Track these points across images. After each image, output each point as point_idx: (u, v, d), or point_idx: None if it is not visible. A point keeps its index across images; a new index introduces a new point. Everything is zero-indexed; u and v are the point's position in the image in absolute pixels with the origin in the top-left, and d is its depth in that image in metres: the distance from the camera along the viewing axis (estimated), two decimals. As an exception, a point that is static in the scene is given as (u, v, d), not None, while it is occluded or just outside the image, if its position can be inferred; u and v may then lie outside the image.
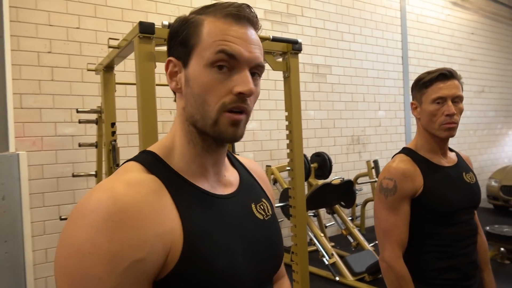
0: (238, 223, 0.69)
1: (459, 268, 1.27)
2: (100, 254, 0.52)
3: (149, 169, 0.64)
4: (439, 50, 7.48)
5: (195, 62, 0.65)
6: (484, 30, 8.63)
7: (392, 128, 6.57)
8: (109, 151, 2.75)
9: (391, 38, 6.57)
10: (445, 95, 1.27)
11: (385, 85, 6.45)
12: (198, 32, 0.65)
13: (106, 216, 0.54)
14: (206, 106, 0.64)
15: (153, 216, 0.58)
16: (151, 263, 0.56)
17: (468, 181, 1.37)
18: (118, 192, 0.57)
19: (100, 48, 3.66)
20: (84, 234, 0.53)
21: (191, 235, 0.61)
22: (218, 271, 0.61)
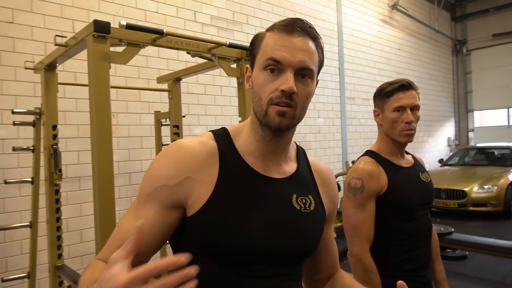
0: (270, 202, 0.81)
1: (417, 259, 1.40)
2: (150, 173, 0.81)
3: (216, 139, 0.84)
4: (371, 63, 8.07)
5: (256, 68, 0.82)
6: (408, 46, 9.49)
7: (330, 135, 6.92)
8: (50, 155, 2.57)
9: (329, 50, 6.95)
10: (405, 104, 1.39)
11: (324, 94, 6.79)
12: (259, 44, 0.82)
13: (167, 152, 0.81)
14: (260, 100, 0.80)
15: (195, 165, 0.79)
16: (176, 193, 0.78)
17: (424, 180, 1.50)
18: (183, 142, 0.82)
19: (37, 45, 3.41)
20: (153, 161, 0.82)
21: (218, 192, 0.78)
22: (228, 227, 0.76)
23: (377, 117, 1.48)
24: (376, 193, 1.38)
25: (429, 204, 1.51)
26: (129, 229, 0.77)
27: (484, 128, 12.02)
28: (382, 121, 1.46)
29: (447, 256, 4.51)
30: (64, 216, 2.84)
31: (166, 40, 2.14)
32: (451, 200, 6.68)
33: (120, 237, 0.76)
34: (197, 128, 4.76)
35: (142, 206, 0.78)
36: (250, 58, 0.85)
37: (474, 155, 8.63)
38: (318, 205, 0.89)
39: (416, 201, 1.42)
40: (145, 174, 0.82)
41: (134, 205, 0.81)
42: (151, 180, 0.79)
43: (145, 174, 0.82)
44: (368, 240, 1.36)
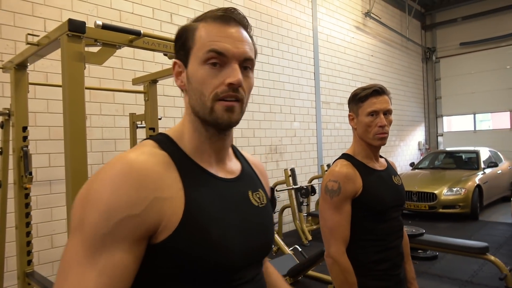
0: (234, 204, 0.77)
1: (390, 259, 1.44)
2: (100, 204, 0.62)
3: (162, 146, 0.74)
4: (345, 69, 8.24)
5: (193, 62, 0.75)
6: (381, 53, 9.75)
7: (305, 138, 7.00)
8: (19, 158, 2.48)
9: (305, 55, 7.05)
10: (378, 109, 1.44)
11: (300, 98, 6.88)
12: (193, 36, 0.75)
13: (115, 174, 0.65)
14: (203, 97, 0.74)
15: (157, 182, 0.67)
16: (145, 221, 0.64)
17: (396, 183, 1.55)
18: (131, 158, 0.68)
19: (5, 43, 3.29)
20: (95, 187, 0.64)
21: (191, 205, 0.69)
22: (212, 240, 0.69)
23: (352, 121, 1.53)
24: (352, 195, 1.41)
25: (401, 206, 1.56)
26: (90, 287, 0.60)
27: (452, 133, 12.50)
28: (357, 125, 1.50)
29: (418, 257, 4.65)
30: (33, 221, 2.75)
31: (143, 41, 2.12)
32: (422, 202, 6.89)
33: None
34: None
35: (101, 252, 0.61)
36: (181, 53, 0.77)
37: (443, 159, 8.95)
38: (267, 198, 0.88)
39: (389, 203, 1.46)
40: (87, 206, 0.63)
41: (81, 251, 0.62)
42: (105, 215, 0.62)
43: (88, 207, 0.63)
44: (344, 241, 1.39)
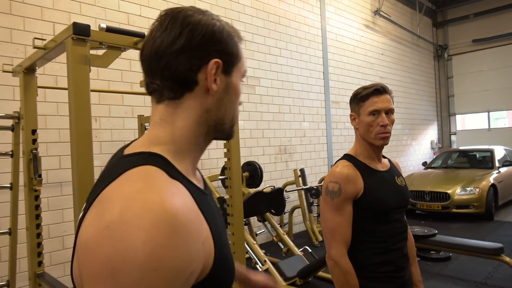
0: (219, 216, 0.74)
1: (394, 261, 1.41)
2: (166, 270, 0.52)
3: (171, 175, 0.62)
4: (355, 68, 8.17)
5: (236, 74, 0.74)
6: (391, 51, 9.64)
7: (315, 138, 6.96)
8: (29, 161, 2.51)
9: (313, 54, 7.01)
10: (379, 108, 1.42)
11: (309, 98, 6.84)
12: (238, 49, 0.75)
13: (171, 231, 0.53)
14: (235, 111, 0.76)
15: (199, 225, 0.60)
16: (197, 271, 0.58)
17: (399, 184, 1.52)
18: (173, 204, 0.55)
19: (16, 48, 3.34)
20: (148, 250, 0.51)
21: (216, 237, 0.64)
22: (231, 263, 0.69)
23: (354, 121, 1.51)
24: (353, 196, 1.39)
25: (405, 208, 1.53)
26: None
27: (465, 132, 12.28)
28: (358, 125, 1.48)
29: (431, 258, 4.57)
30: (44, 223, 2.78)
31: (148, 43, 2.12)
32: (435, 202, 6.78)
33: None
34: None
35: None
36: (223, 54, 0.70)
37: (457, 158, 8.79)
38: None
39: (392, 205, 1.43)
40: (142, 277, 0.51)
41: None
42: (171, 281, 0.53)
43: (144, 277, 0.51)
44: (345, 243, 1.37)
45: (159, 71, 0.68)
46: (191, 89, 0.69)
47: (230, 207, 2.55)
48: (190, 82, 0.69)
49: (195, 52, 0.68)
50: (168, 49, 0.67)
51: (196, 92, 0.70)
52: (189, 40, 0.67)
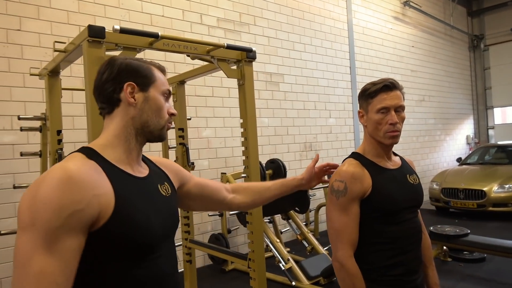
0: (150, 196, 1.02)
1: (405, 264, 1.34)
2: (52, 204, 0.80)
3: (89, 157, 0.94)
4: (383, 61, 7.93)
5: (154, 90, 1.05)
6: (422, 43, 9.28)
7: (342, 135, 6.82)
8: (54, 160, 2.59)
9: (339, 49, 6.86)
10: (388, 105, 1.34)
11: (335, 93, 6.71)
12: (154, 74, 1.07)
13: (60, 180, 0.83)
14: (159, 118, 1.05)
15: (93, 183, 0.87)
16: (87, 214, 0.84)
17: (411, 182, 1.44)
18: (68, 167, 0.86)
19: (44, 51, 3.46)
20: (43, 191, 0.82)
21: (120, 199, 0.91)
22: (138, 225, 0.93)
23: (362, 119, 1.44)
24: (360, 196, 1.33)
25: (417, 207, 1.45)
26: (54, 269, 0.79)
27: (505, 126, 11.64)
28: (367, 122, 1.41)
29: (464, 259, 4.37)
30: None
31: (163, 43, 2.13)
32: (469, 200, 6.48)
33: (49, 282, 0.78)
34: (205, 130, 4.76)
35: (56, 242, 0.80)
36: (137, 78, 1.02)
37: (495, 153, 8.35)
38: (172, 189, 1.15)
39: (402, 204, 1.36)
40: (38, 207, 0.80)
41: (38, 243, 0.78)
42: (57, 212, 0.80)
43: (39, 207, 0.80)
44: (351, 244, 1.32)
45: (98, 97, 1.04)
46: (117, 105, 1.02)
47: (248, 206, 2.53)
48: (115, 100, 1.02)
49: (114, 80, 1.01)
50: (100, 81, 1.03)
51: (122, 106, 1.02)
52: (109, 73, 1.02)
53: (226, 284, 3.98)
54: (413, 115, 8.55)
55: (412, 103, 8.53)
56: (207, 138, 4.76)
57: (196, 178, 1.32)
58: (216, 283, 4.02)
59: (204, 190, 1.32)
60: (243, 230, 5.04)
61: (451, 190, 6.74)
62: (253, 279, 2.48)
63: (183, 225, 3.39)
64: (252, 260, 2.50)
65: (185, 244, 3.34)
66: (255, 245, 2.48)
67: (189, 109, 4.55)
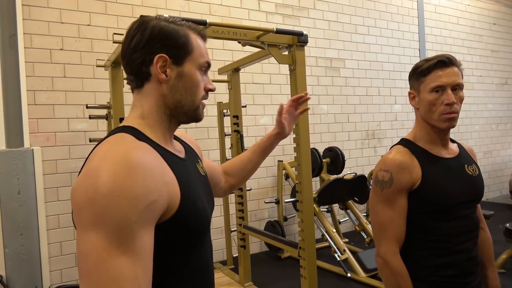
0: (196, 177, 0.94)
1: (457, 265, 1.22)
2: (126, 196, 0.68)
3: (138, 138, 0.82)
4: (459, 42, 7.25)
5: (190, 65, 0.89)
6: (506, 20, 8.31)
7: (409, 122, 6.41)
8: (117, 146, 2.78)
9: (407, 30, 6.41)
10: (444, 83, 1.20)
11: (402, 78, 6.30)
12: (191, 42, 0.90)
13: (126, 168, 0.70)
14: (194, 96, 0.90)
15: (159, 169, 0.77)
16: (160, 204, 0.74)
17: (470, 173, 1.30)
18: (129, 151, 0.74)
19: (111, 44, 3.69)
20: (108, 181, 0.68)
21: (183, 186, 0.82)
22: (200, 211, 0.85)
23: (413, 100, 1.30)
24: (408, 187, 1.20)
25: (476, 202, 1.29)
26: (137, 272, 0.67)
27: None
28: (419, 104, 1.27)
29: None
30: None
31: (212, 30, 2.15)
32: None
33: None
34: (263, 118, 4.77)
35: (133, 239, 0.68)
36: (174, 51, 0.87)
37: None
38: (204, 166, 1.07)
39: (457, 198, 1.21)
40: (105, 202, 0.67)
41: (112, 243, 0.66)
42: (133, 204, 0.68)
43: (106, 202, 0.67)
44: (397, 240, 1.20)
45: (125, 67, 0.90)
46: (148, 79, 0.88)
47: (299, 194, 2.49)
48: (144, 74, 0.87)
49: (143, 49, 0.86)
50: (128, 48, 0.87)
51: (152, 82, 0.88)
52: (139, 39, 0.86)
53: (281, 271, 4.00)
54: (493, 100, 7.75)
55: (492, 87, 7.72)
56: (264, 126, 4.76)
57: (205, 159, 1.21)
58: (270, 270, 4.05)
59: (212, 172, 1.22)
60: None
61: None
62: (303, 267, 2.46)
63: (237, 211, 3.46)
64: (302, 248, 2.47)
65: (239, 229, 3.41)
66: (306, 233, 2.45)
67: (246, 96, 4.60)
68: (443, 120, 1.22)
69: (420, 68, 1.25)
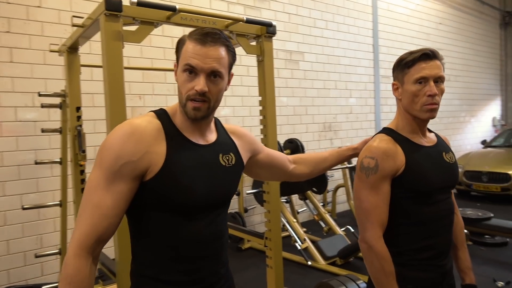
0: (205, 162, 1.08)
1: (436, 247, 1.28)
2: (113, 151, 0.97)
3: (158, 118, 1.06)
4: (408, 39, 7.63)
5: (179, 67, 1.06)
6: (451, 20, 8.88)
7: (362, 115, 6.68)
8: (74, 137, 2.62)
9: (362, 26, 6.63)
10: (427, 75, 1.24)
11: (357, 72, 6.53)
12: (182, 48, 1.06)
13: (123, 133, 0.99)
14: (181, 94, 1.06)
15: (149, 141, 1.00)
16: (139, 165, 0.98)
17: (447, 160, 1.36)
18: (135, 122, 1.02)
19: (64, 28, 3.46)
20: (110, 139, 0.99)
21: (170, 160, 1.01)
22: (180, 188, 1.01)
23: (396, 91, 1.34)
24: (392, 174, 1.25)
25: (452, 187, 1.37)
26: (107, 205, 0.96)
27: (534, 107, 11.16)
28: (402, 95, 1.31)
29: (485, 243, 4.27)
30: (91, 196, 2.92)
31: (181, 17, 2.08)
32: (493, 183, 6.29)
33: (101, 213, 0.95)
34: (224, 109, 4.73)
35: (111, 183, 0.96)
36: (177, 56, 1.08)
37: (522, 136, 8.04)
38: (238, 159, 1.19)
39: (436, 184, 1.28)
40: (105, 151, 0.98)
41: (101, 181, 0.96)
42: (115, 159, 0.96)
43: (105, 152, 0.98)
44: (381, 225, 1.25)
45: None
46: None
47: (266, 185, 2.50)
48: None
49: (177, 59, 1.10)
50: None
51: None
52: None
53: (243, 262, 4.02)
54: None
55: (436, 83, 8.24)
56: (225, 117, 4.73)
57: (267, 149, 1.40)
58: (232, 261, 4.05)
59: (273, 161, 1.40)
60: (259, 209, 5.06)
61: (474, 173, 6.55)
62: (270, 257, 2.48)
63: (200, 203, 3.42)
64: (269, 239, 2.49)
65: (202, 221, 3.36)
66: (272, 224, 2.47)
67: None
68: (424, 111, 1.27)
69: (405, 60, 1.29)
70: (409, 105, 1.29)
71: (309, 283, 3.40)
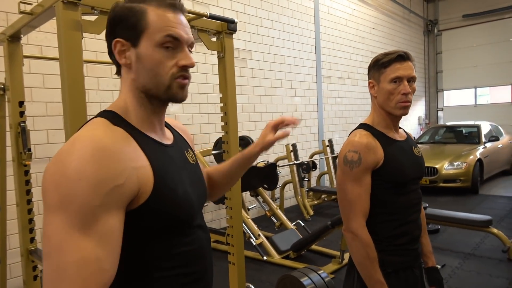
0: (181, 164, 0.92)
1: (409, 233, 1.40)
2: (87, 181, 0.68)
3: (114, 123, 0.81)
4: (347, 42, 8.06)
5: (147, 43, 0.82)
6: (383, 25, 9.53)
7: (306, 113, 6.92)
8: (17, 134, 2.40)
9: (305, 27, 6.87)
10: (402, 75, 1.34)
11: (301, 72, 6.74)
12: (145, 19, 0.82)
13: (93, 151, 0.70)
14: (158, 76, 0.83)
15: (129, 154, 0.76)
16: (128, 189, 0.73)
17: (416, 154, 1.49)
18: (98, 135, 0.75)
19: (4, 15, 3.14)
20: (74, 165, 0.68)
21: (158, 172, 0.80)
22: (178, 198, 0.83)
23: (372, 89, 1.44)
24: (373, 166, 1.35)
25: (420, 178, 1.51)
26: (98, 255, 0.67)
27: (452, 107, 12.42)
28: (377, 93, 1.41)
29: (420, 230, 4.67)
30: (35, 198, 2.70)
31: (143, 9, 2.00)
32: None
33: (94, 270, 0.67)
34: (172, 106, 4.62)
35: (95, 222, 0.68)
36: (127, 32, 0.82)
37: (444, 134, 8.90)
38: (193, 152, 1.05)
39: (410, 175, 1.41)
40: (70, 184, 0.67)
41: (74, 227, 0.67)
42: (95, 188, 0.68)
43: (71, 184, 0.67)
44: (364, 215, 1.34)
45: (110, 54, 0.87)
46: (120, 65, 0.86)
47: (227, 182, 2.51)
48: (115, 61, 0.86)
49: (108, 36, 0.85)
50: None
51: (123, 67, 0.86)
52: (106, 28, 0.85)
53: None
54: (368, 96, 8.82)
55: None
56: (174, 114, 4.62)
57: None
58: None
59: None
60: (211, 207, 5.03)
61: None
62: (232, 254, 2.49)
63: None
64: (230, 235, 2.50)
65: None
66: (234, 220, 2.48)
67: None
68: (398, 108, 1.38)
69: (381, 60, 1.39)
70: (385, 102, 1.39)
71: (266, 277, 3.46)
